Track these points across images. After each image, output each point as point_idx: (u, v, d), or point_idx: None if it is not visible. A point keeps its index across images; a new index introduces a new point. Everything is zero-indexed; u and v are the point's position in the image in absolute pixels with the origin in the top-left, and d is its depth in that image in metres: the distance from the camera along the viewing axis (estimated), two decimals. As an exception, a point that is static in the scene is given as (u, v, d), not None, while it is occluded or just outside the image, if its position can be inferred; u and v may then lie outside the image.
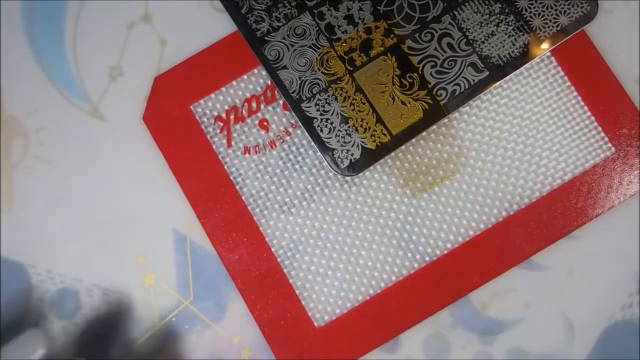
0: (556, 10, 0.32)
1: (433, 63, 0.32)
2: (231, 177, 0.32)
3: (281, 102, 0.32)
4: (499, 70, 0.31)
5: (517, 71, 0.32)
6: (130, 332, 0.31)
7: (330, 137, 0.31)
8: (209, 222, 0.31)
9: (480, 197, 0.32)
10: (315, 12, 0.32)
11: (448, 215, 0.31)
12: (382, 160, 0.31)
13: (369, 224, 0.31)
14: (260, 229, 0.31)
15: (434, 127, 0.32)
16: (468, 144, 0.32)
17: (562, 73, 0.32)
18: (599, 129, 0.32)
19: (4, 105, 0.33)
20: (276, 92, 0.32)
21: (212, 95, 0.32)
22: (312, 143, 0.31)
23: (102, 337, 0.31)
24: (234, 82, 0.32)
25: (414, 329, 0.31)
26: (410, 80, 0.31)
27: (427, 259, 0.31)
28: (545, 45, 0.32)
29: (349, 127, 0.31)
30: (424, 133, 0.32)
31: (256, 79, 0.32)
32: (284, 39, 0.32)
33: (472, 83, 0.31)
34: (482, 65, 0.31)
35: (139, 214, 0.32)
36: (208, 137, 0.32)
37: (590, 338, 0.31)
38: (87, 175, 0.32)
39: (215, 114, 0.32)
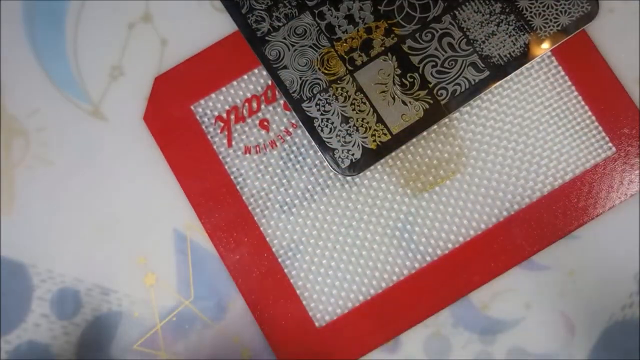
0: (557, 10, 0.32)
1: (433, 63, 0.31)
2: (232, 177, 0.32)
3: (282, 102, 0.32)
4: (499, 70, 0.31)
5: (518, 71, 0.32)
6: (130, 332, 0.31)
7: (331, 137, 0.31)
8: (209, 222, 0.31)
9: (481, 196, 0.32)
10: (316, 12, 0.32)
11: (449, 215, 0.31)
12: (382, 160, 0.31)
13: (369, 223, 0.31)
14: (261, 228, 0.31)
15: (435, 127, 0.32)
16: (469, 143, 0.32)
17: (562, 73, 0.32)
18: (600, 128, 0.32)
19: (4, 105, 0.33)
20: (277, 92, 0.32)
21: (213, 95, 0.32)
22: (313, 143, 0.31)
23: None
24: (235, 82, 0.32)
25: (415, 329, 0.31)
26: (411, 80, 0.31)
27: (428, 258, 0.31)
28: (545, 45, 0.32)
29: (350, 127, 0.31)
30: (424, 133, 0.32)
31: (257, 79, 0.32)
32: (284, 38, 0.32)
33: (473, 83, 0.31)
34: (483, 65, 0.31)
35: (139, 214, 0.32)
36: (209, 137, 0.32)
37: (590, 338, 0.31)
38: (87, 175, 0.32)
39: (216, 114, 0.32)
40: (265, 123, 0.32)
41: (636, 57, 0.33)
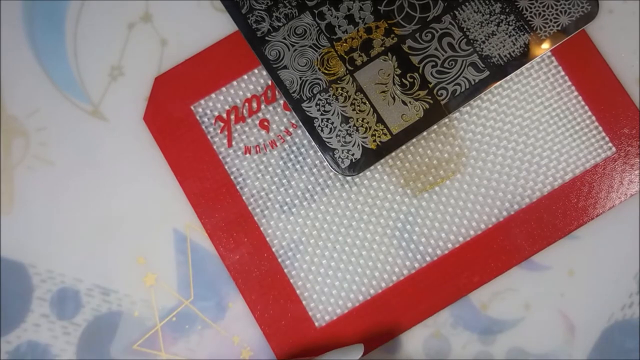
0: (557, 10, 0.32)
1: (433, 63, 0.32)
2: (232, 177, 0.32)
3: (282, 102, 0.32)
4: (499, 70, 0.31)
5: (518, 71, 0.32)
6: (130, 332, 0.31)
7: (331, 137, 0.31)
8: (209, 222, 0.31)
9: (481, 197, 0.32)
10: (316, 12, 0.32)
11: (449, 215, 0.31)
12: (382, 160, 0.31)
13: (369, 224, 0.31)
14: (261, 228, 0.31)
15: (435, 127, 0.32)
16: (469, 143, 0.32)
17: (562, 73, 0.32)
18: (600, 128, 0.32)
19: (4, 105, 0.33)
20: (277, 92, 0.32)
21: (213, 95, 0.32)
22: (313, 143, 0.31)
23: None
24: (235, 82, 0.32)
25: (414, 329, 0.31)
26: (411, 80, 0.31)
27: (428, 258, 0.31)
28: (545, 45, 0.32)
29: (350, 127, 0.31)
30: (424, 133, 0.32)
31: (257, 79, 0.32)
32: (284, 38, 0.32)
33: (473, 83, 0.31)
34: (483, 65, 0.31)
35: (139, 214, 0.32)
36: (209, 137, 0.32)
37: (590, 338, 0.31)
38: (87, 175, 0.32)
39: (216, 113, 0.32)
40: (265, 123, 0.32)
41: (636, 57, 0.33)
